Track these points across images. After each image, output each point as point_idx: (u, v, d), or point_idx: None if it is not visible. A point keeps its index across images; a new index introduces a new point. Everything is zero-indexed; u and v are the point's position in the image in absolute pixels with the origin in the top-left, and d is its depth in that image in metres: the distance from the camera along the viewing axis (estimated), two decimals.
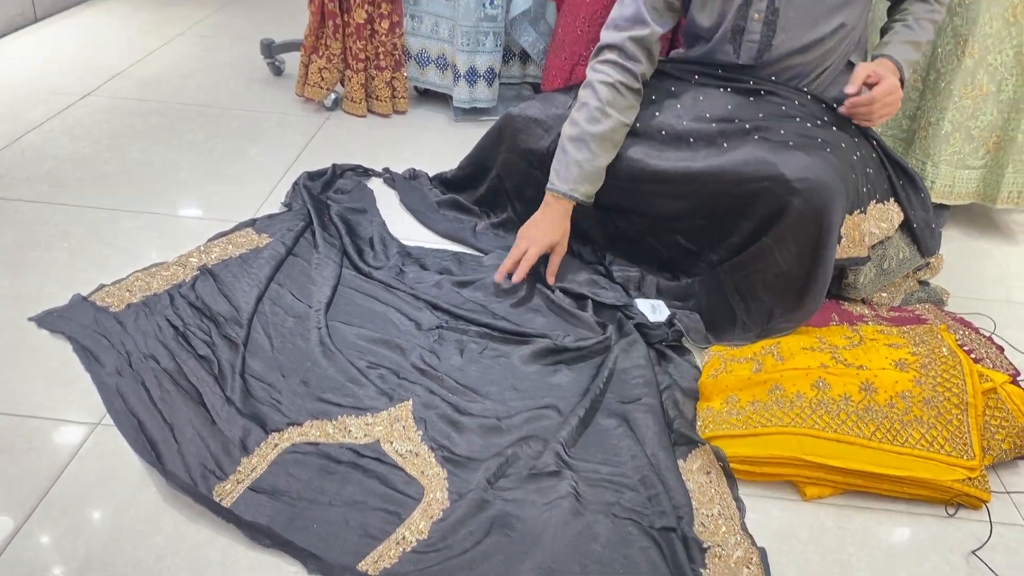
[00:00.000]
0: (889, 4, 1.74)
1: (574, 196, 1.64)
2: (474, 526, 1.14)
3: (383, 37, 2.38)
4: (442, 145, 2.32)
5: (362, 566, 1.07)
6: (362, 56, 2.38)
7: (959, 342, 1.48)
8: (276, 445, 1.23)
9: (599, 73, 1.65)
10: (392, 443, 1.27)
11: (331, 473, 1.20)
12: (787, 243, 1.48)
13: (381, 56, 2.40)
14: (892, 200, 1.64)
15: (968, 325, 1.59)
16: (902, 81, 1.59)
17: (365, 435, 1.28)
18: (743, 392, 1.38)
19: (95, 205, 1.86)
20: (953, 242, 2.02)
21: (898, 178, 1.66)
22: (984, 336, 1.54)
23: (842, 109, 1.59)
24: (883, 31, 1.71)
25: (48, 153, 2.08)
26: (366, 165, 2.12)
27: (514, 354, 1.47)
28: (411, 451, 1.26)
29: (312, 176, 1.98)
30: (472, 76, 2.42)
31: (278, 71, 2.69)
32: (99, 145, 2.14)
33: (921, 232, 1.67)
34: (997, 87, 1.94)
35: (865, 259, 1.56)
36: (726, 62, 1.68)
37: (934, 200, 1.99)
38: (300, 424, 1.28)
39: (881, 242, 1.63)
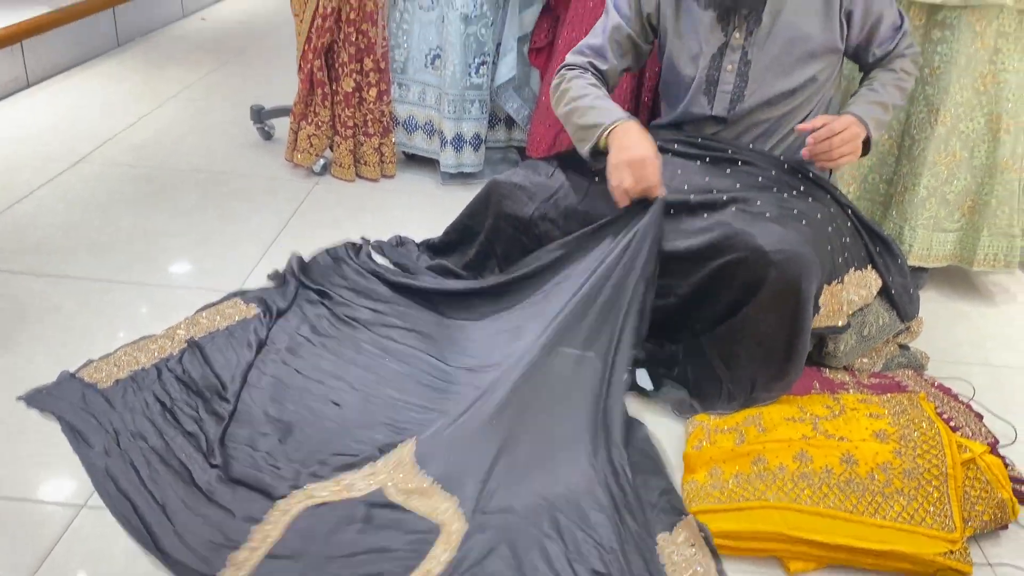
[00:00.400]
0: (861, 74, 1.81)
1: (632, 118, 1.66)
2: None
3: (371, 105, 2.43)
4: (430, 209, 2.35)
5: None
6: (350, 123, 2.42)
7: (938, 410, 1.50)
8: (286, 511, 1.25)
9: (567, 72, 1.76)
10: (397, 486, 1.30)
11: (347, 526, 1.23)
12: (766, 313, 1.51)
13: (369, 123, 2.44)
14: (870, 267, 1.67)
15: (947, 392, 1.62)
16: (869, 138, 1.64)
17: (369, 485, 1.30)
18: (727, 464, 1.39)
19: (86, 275, 1.88)
20: (932, 304, 2.05)
21: (875, 245, 1.70)
22: (963, 403, 1.57)
23: (804, 152, 1.61)
24: (853, 92, 1.77)
25: (40, 222, 2.11)
26: (353, 235, 2.14)
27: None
28: (417, 489, 1.29)
29: (303, 267, 1.92)
30: (458, 142, 2.46)
31: (268, 136, 2.74)
32: (90, 212, 2.17)
33: (900, 298, 1.70)
34: (970, 153, 1.99)
35: (844, 328, 1.60)
36: (700, 115, 1.75)
37: (912, 263, 2.03)
38: (303, 487, 1.30)
39: (860, 309, 1.66)
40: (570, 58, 1.79)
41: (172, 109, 2.98)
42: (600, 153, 1.67)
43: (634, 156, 1.58)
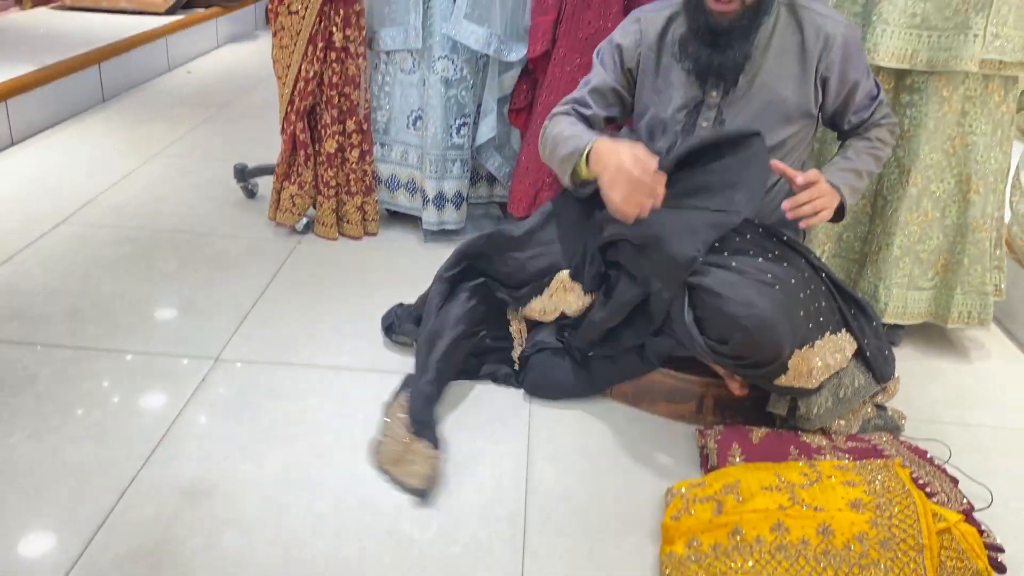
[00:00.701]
0: (844, 135, 1.84)
1: (599, 134, 1.70)
2: None
3: (354, 165, 2.45)
4: (412, 266, 2.37)
5: None
6: (333, 183, 2.44)
7: (914, 476, 1.51)
8: None
9: (549, 121, 1.81)
10: None
11: None
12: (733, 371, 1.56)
13: (352, 183, 2.46)
14: (844, 330, 1.69)
15: (923, 455, 1.63)
16: (843, 205, 1.67)
17: None
18: (705, 535, 1.39)
19: (64, 344, 1.88)
20: (908, 361, 2.08)
21: (849, 307, 1.72)
22: (938, 467, 1.58)
23: (786, 206, 1.61)
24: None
25: (19, 288, 2.11)
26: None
27: None
28: None
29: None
30: (440, 200, 2.49)
31: (251, 194, 2.75)
32: (70, 278, 2.17)
33: (875, 360, 1.72)
34: (941, 213, 2.03)
35: (814, 390, 1.61)
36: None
37: (888, 320, 2.06)
38: None
39: (836, 372, 1.67)
40: (555, 109, 1.85)
41: (156, 167, 2.99)
42: (584, 181, 1.70)
43: (614, 174, 1.54)
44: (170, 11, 4.65)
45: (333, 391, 1.78)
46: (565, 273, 1.77)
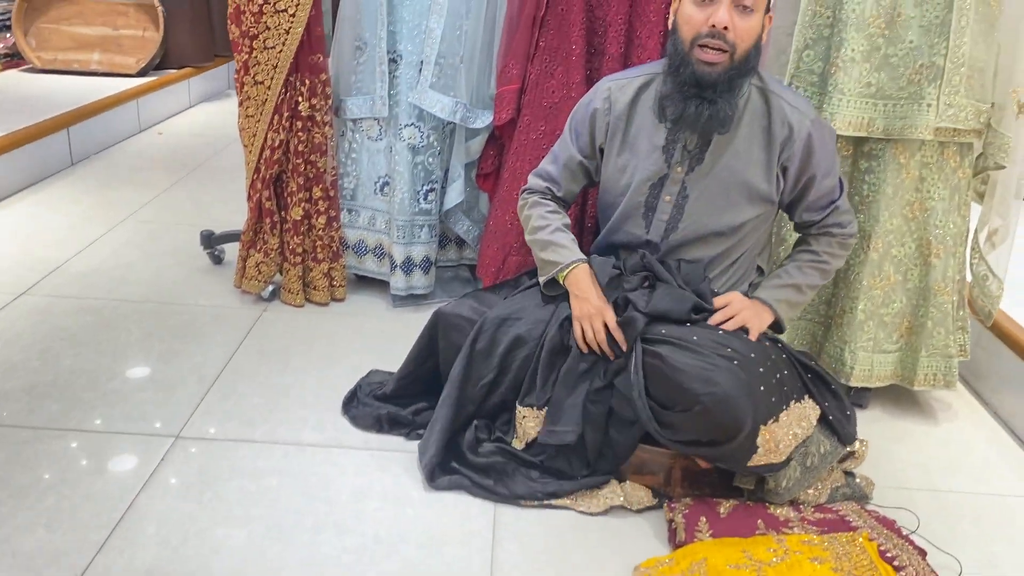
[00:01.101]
0: (798, 228, 1.87)
1: (584, 259, 1.78)
2: None
3: (320, 232, 2.45)
4: (379, 333, 2.35)
5: None
6: (299, 250, 2.43)
7: (881, 548, 1.50)
8: None
9: (528, 196, 1.90)
10: None
11: None
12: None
13: (319, 249, 2.46)
14: (807, 397, 1.69)
15: (890, 526, 1.61)
16: (779, 322, 1.75)
17: None
18: None
19: (21, 424, 1.84)
20: (876, 424, 2.08)
21: (806, 373, 1.73)
22: (906, 539, 1.57)
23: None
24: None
25: None
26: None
27: None
28: None
29: None
30: (408, 266, 2.48)
31: (218, 260, 2.74)
32: (30, 351, 2.14)
33: (838, 422, 1.72)
34: (903, 277, 2.04)
35: (783, 464, 1.60)
36: (636, 235, 1.80)
37: (855, 384, 2.06)
38: None
39: (803, 441, 1.67)
40: (531, 181, 1.91)
41: (123, 232, 2.97)
42: (557, 285, 1.78)
43: (587, 311, 1.70)
44: (142, 73, 4.66)
45: (295, 468, 1.75)
46: (519, 408, 1.75)
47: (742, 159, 1.71)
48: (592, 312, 1.70)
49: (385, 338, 2.33)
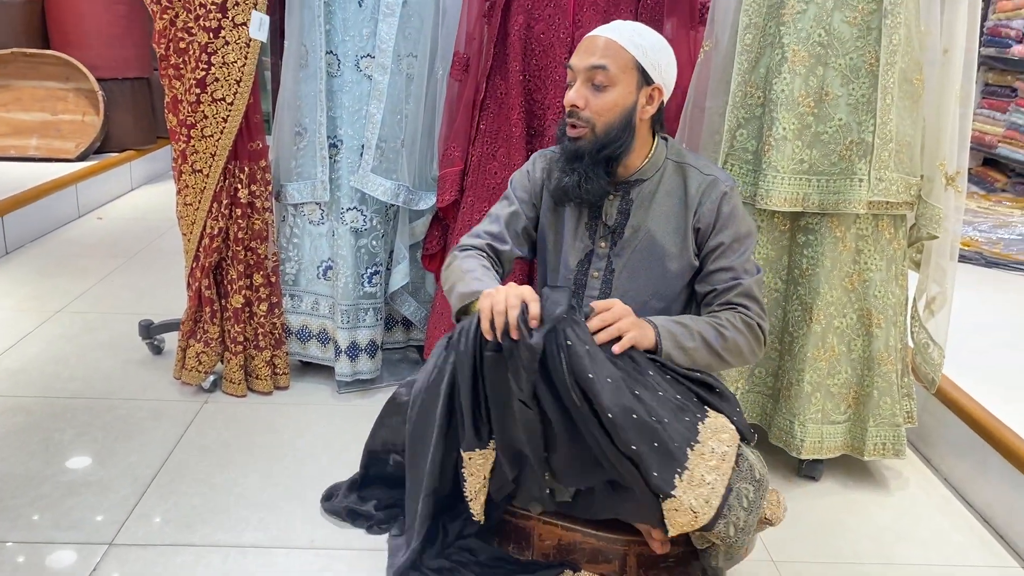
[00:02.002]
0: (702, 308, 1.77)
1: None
2: None
3: (262, 319, 2.40)
4: (325, 422, 2.29)
5: None
6: (240, 339, 2.38)
7: None
8: None
9: (459, 252, 1.77)
10: None
11: None
12: None
13: (260, 337, 2.40)
14: (708, 410, 1.59)
15: None
16: (658, 346, 1.59)
17: None
18: None
19: None
20: (830, 496, 2.07)
21: (697, 386, 1.63)
22: None
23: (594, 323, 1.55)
24: None
25: None
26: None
27: None
28: None
29: None
30: (354, 350, 2.44)
31: (158, 350, 2.66)
32: None
33: (739, 424, 1.61)
34: (847, 347, 2.06)
35: (718, 517, 1.49)
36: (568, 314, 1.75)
37: (806, 456, 2.05)
38: None
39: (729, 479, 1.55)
40: (465, 240, 1.82)
41: (58, 324, 2.88)
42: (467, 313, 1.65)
43: (497, 291, 1.53)
44: (81, 157, 4.60)
45: (235, 574, 1.67)
46: (466, 454, 1.63)
47: (660, 229, 1.72)
48: (503, 290, 1.53)
49: (331, 427, 2.27)
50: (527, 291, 1.51)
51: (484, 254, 1.78)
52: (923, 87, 1.97)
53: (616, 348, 1.54)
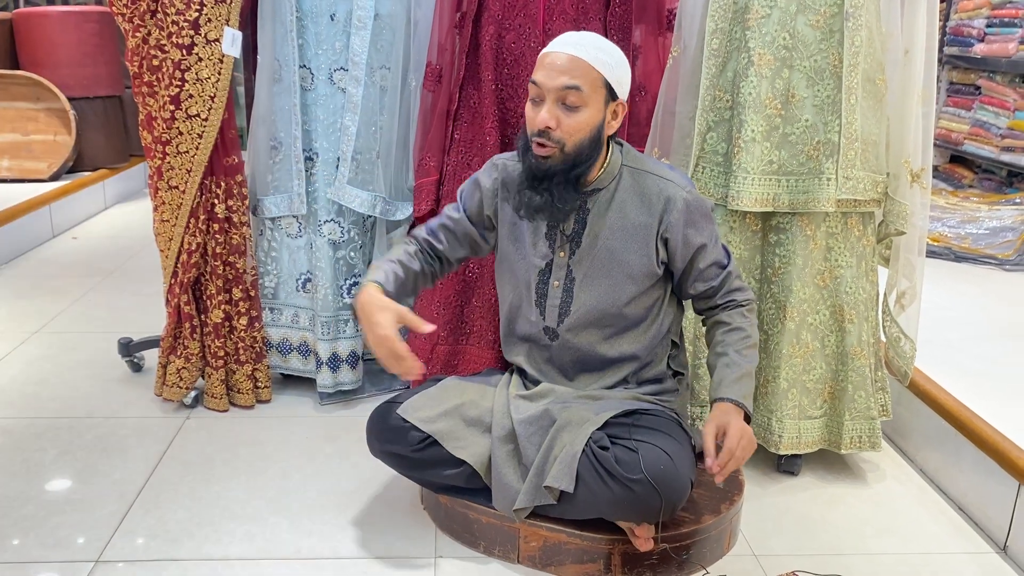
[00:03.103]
0: (697, 305, 1.85)
1: (378, 282, 1.73)
2: None
3: (242, 333, 2.40)
4: (307, 433, 2.30)
5: None
6: (221, 353, 2.38)
7: None
8: None
9: (403, 242, 1.87)
10: None
11: None
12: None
13: (241, 351, 2.41)
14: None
15: None
16: (748, 416, 1.68)
17: None
18: None
19: None
20: (809, 490, 2.10)
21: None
22: None
23: (709, 465, 1.59)
24: (710, 363, 1.78)
25: None
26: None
27: None
28: None
29: None
30: (335, 362, 2.45)
31: (138, 368, 2.66)
32: None
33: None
34: (821, 343, 2.10)
35: None
36: (533, 324, 1.81)
37: (785, 452, 2.09)
38: None
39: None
40: (416, 230, 1.90)
41: (36, 345, 2.87)
42: None
43: (362, 311, 1.68)
44: (54, 177, 4.57)
45: None
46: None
47: (618, 239, 1.73)
48: (362, 312, 1.68)
49: (314, 439, 2.28)
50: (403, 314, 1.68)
51: (422, 251, 1.86)
52: (886, 87, 2.02)
53: (720, 479, 1.60)
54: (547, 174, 1.67)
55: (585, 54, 1.62)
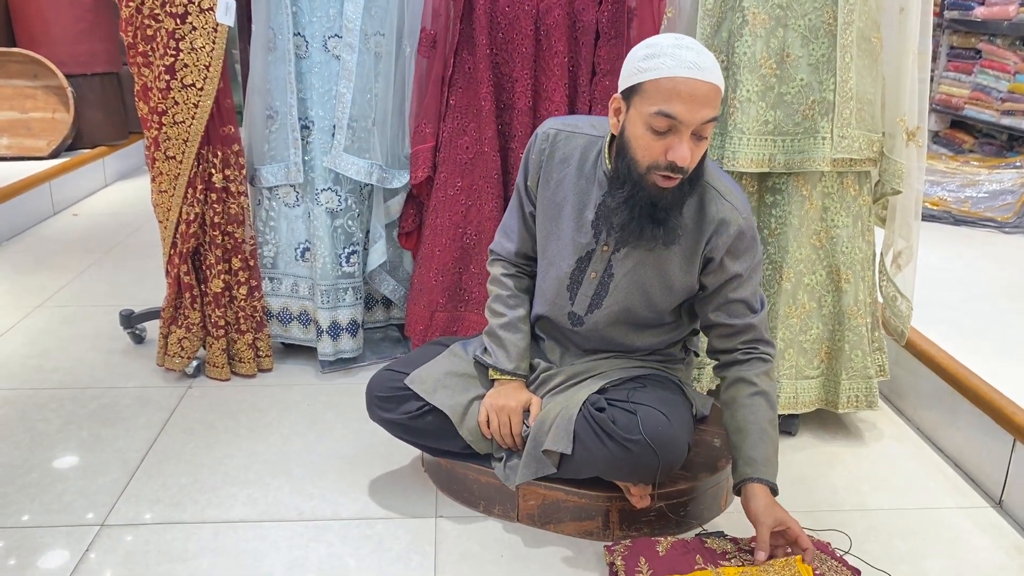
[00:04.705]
0: (715, 343, 1.75)
1: (518, 373, 1.80)
2: None
3: (242, 303, 2.41)
4: (309, 402, 2.32)
5: None
6: (222, 323, 2.40)
7: (817, 572, 1.52)
8: None
9: (497, 268, 1.87)
10: None
11: None
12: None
13: (241, 320, 2.42)
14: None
15: (824, 548, 1.64)
16: (774, 490, 1.63)
17: None
18: None
19: None
20: (807, 450, 2.12)
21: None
22: (840, 560, 1.59)
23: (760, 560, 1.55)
24: (730, 425, 1.70)
25: None
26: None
27: None
28: None
29: None
30: (335, 330, 2.46)
31: (139, 339, 2.67)
32: None
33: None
34: (818, 304, 2.11)
35: None
36: (561, 307, 1.77)
37: (782, 412, 2.10)
38: None
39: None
40: (496, 245, 1.88)
41: (39, 319, 2.89)
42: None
43: (500, 404, 1.76)
44: (53, 154, 4.58)
45: (226, 547, 1.70)
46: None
47: (666, 249, 1.65)
48: (506, 408, 1.76)
49: (315, 406, 2.30)
50: (521, 406, 1.77)
51: (513, 269, 1.87)
52: (881, 45, 2.01)
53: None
54: (672, 203, 1.56)
55: (718, 79, 1.49)
